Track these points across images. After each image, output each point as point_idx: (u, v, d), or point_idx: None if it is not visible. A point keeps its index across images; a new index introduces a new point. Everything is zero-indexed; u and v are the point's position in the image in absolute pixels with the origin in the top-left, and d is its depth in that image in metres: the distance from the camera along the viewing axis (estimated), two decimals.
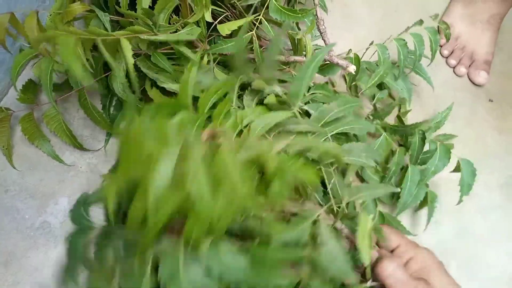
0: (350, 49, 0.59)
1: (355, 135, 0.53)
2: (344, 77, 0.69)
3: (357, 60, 0.57)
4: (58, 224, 0.56)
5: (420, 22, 0.61)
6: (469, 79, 0.78)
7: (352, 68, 0.53)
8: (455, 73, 0.78)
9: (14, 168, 0.57)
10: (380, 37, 0.63)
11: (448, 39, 0.74)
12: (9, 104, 0.60)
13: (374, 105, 0.64)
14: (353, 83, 0.63)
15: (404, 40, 0.60)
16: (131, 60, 0.44)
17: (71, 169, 0.59)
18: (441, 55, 0.79)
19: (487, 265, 0.62)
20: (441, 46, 0.80)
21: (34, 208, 0.57)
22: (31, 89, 0.57)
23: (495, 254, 0.63)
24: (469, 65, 0.78)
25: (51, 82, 0.50)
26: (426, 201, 0.58)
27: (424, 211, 0.60)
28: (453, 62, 0.78)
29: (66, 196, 0.58)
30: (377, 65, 0.62)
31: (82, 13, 0.52)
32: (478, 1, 0.78)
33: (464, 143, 0.63)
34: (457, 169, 0.58)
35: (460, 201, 0.57)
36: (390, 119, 0.65)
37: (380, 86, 0.65)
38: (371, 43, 0.60)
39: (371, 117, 0.60)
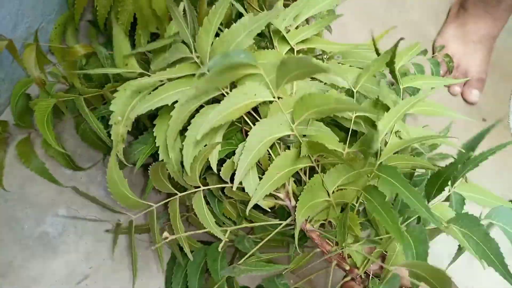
0: None
1: None
2: None
3: None
4: (57, 235, 0.57)
5: (424, 52, 0.63)
6: (463, 98, 0.80)
7: None
8: (449, 92, 0.80)
9: (4, 189, 0.57)
10: None
11: (450, 71, 0.77)
12: (10, 117, 0.60)
13: None
14: None
15: (405, 67, 0.62)
16: None
17: (71, 180, 0.60)
18: None
19: (481, 285, 0.63)
20: None
21: (33, 218, 0.57)
22: (28, 114, 0.57)
23: (488, 273, 0.64)
24: (463, 84, 0.80)
25: (50, 122, 0.50)
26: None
27: None
28: None
29: (65, 206, 0.59)
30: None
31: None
32: (470, 22, 0.80)
33: None
34: (447, 198, 0.59)
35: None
36: None
37: None
38: None
39: None
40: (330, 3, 0.47)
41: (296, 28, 0.46)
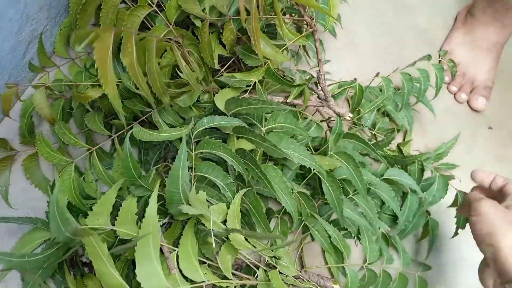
0: (355, 78, 0.60)
1: None
2: (347, 100, 0.70)
3: (360, 91, 0.58)
4: None
5: (429, 57, 0.62)
6: (469, 106, 0.79)
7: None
8: (456, 100, 0.79)
9: (11, 207, 0.56)
10: (383, 58, 0.63)
11: (453, 76, 0.76)
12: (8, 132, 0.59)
13: (374, 135, 0.64)
14: (356, 108, 0.64)
15: (410, 75, 0.61)
16: None
17: None
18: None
19: None
20: None
21: None
22: (33, 131, 0.58)
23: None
24: (470, 92, 0.80)
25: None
26: (427, 229, 0.59)
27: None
28: (454, 88, 0.79)
29: None
30: (380, 90, 0.63)
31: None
32: (478, 29, 0.79)
33: (463, 170, 0.64)
34: (454, 203, 0.58)
35: (455, 233, 0.58)
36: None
37: (383, 113, 0.66)
38: (377, 74, 0.61)
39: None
40: None
41: None
